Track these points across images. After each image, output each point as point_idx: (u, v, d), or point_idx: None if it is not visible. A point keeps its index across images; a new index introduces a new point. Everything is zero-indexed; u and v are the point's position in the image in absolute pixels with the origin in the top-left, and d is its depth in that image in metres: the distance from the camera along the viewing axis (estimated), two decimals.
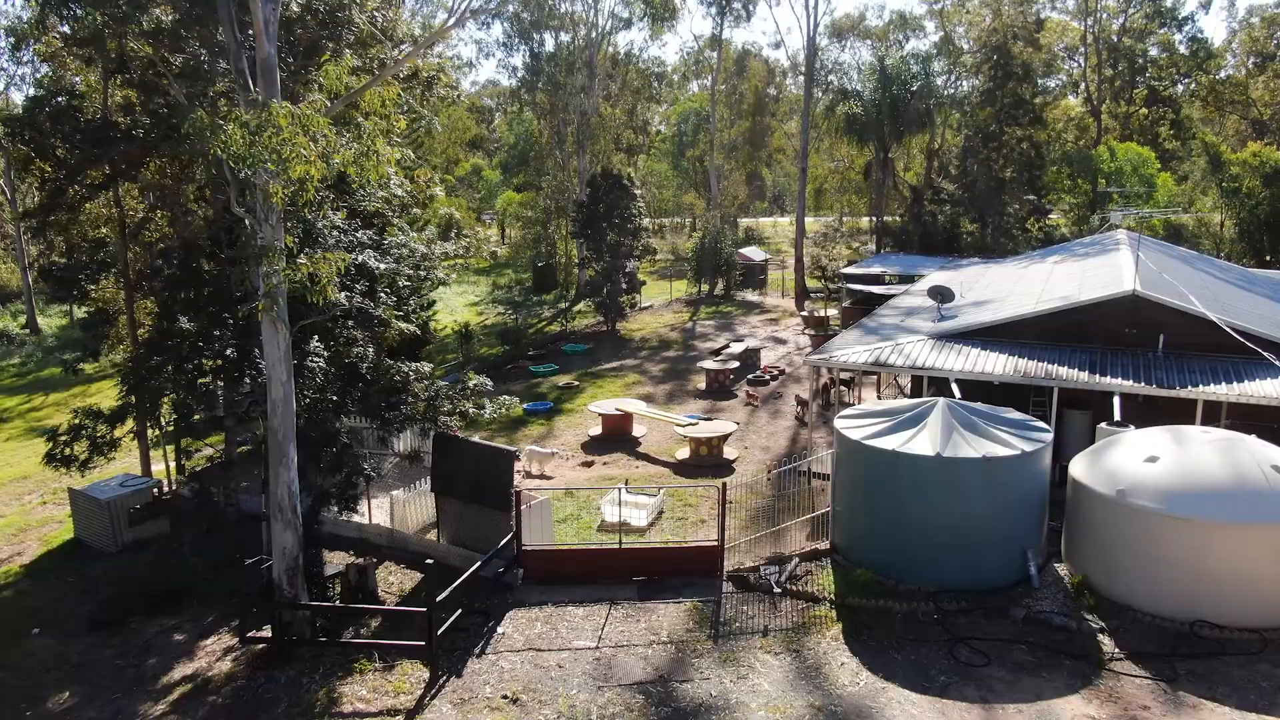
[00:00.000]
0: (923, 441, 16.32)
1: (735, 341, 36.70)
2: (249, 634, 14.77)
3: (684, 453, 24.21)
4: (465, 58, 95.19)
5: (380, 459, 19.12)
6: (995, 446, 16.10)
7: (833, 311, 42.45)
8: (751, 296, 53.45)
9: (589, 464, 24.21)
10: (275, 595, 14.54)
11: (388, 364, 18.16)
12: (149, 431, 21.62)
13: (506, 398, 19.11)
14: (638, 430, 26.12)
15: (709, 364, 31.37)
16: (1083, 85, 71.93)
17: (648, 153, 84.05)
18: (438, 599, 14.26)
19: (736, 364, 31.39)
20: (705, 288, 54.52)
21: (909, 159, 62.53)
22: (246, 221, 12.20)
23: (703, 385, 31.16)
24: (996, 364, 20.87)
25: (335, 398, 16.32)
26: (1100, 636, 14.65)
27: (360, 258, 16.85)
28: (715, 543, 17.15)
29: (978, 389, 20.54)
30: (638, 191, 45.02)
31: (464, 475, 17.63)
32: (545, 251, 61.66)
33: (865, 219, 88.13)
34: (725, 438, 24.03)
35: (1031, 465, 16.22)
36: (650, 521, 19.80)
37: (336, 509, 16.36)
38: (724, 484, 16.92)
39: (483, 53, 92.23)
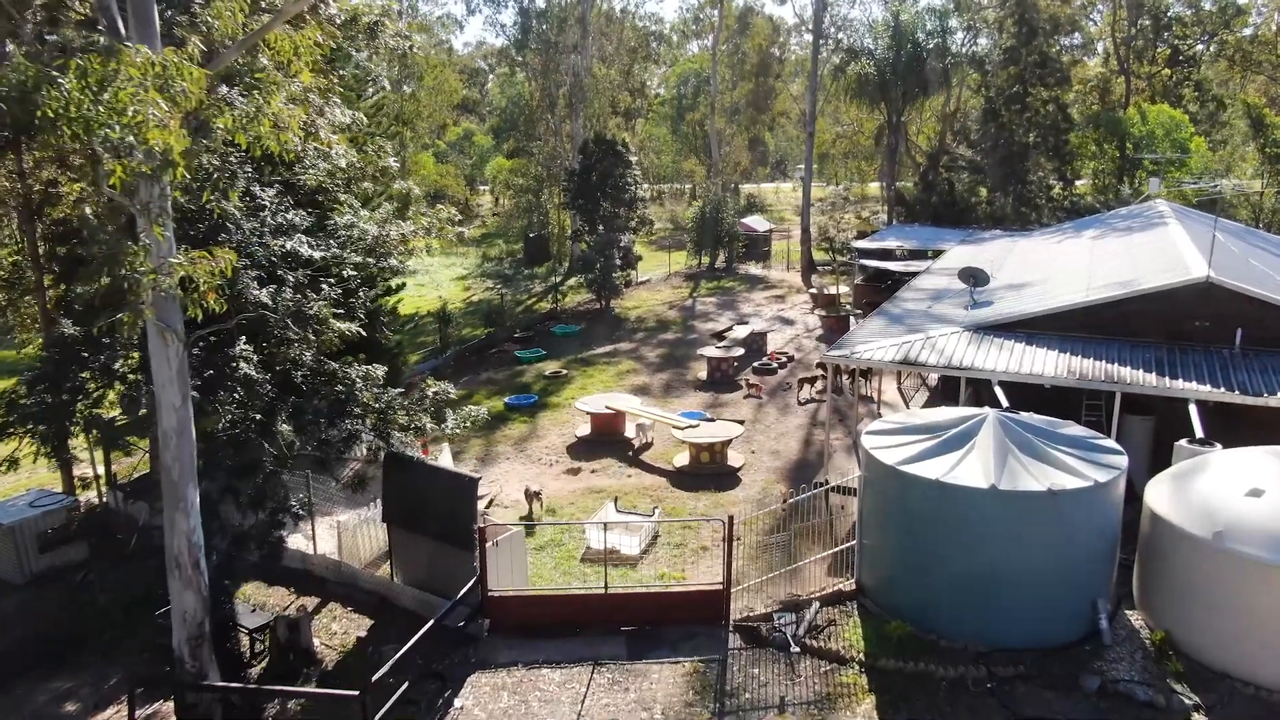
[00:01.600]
0: (972, 468, 13.44)
1: (739, 324, 33.72)
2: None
3: (682, 458, 21.35)
4: (456, 16, 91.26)
5: (322, 484, 16.23)
6: (1061, 475, 13.22)
7: (844, 289, 39.42)
8: (755, 269, 50.39)
9: (575, 471, 21.36)
10: (176, 670, 11.73)
11: (331, 368, 15.19)
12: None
13: (473, 408, 16.17)
14: (631, 430, 23.25)
15: (710, 351, 28.43)
16: (1101, 44, 68.25)
17: (646, 117, 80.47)
18: (376, 677, 11.45)
19: (741, 351, 28.45)
20: (706, 260, 51.41)
21: (921, 123, 59.02)
22: (88, 211, 9.20)
23: (703, 375, 28.24)
24: (1046, 363, 17.95)
25: (261, 416, 13.39)
26: (1195, 717, 11.88)
27: (290, 243, 13.87)
28: (720, 585, 14.33)
29: (1022, 391, 17.61)
30: (633, 158, 41.80)
31: (419, 504, 14.78)
32: (537, 221, 58.47)
33: (874, 184, 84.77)
34: (729, 442, 21.14)
35: (1104, 498, 13.35)
36: (643, 548, 16.99)
37: (257, 555, 13.49)
38: (731, 518, 14.06)
39: (470, 9, 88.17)
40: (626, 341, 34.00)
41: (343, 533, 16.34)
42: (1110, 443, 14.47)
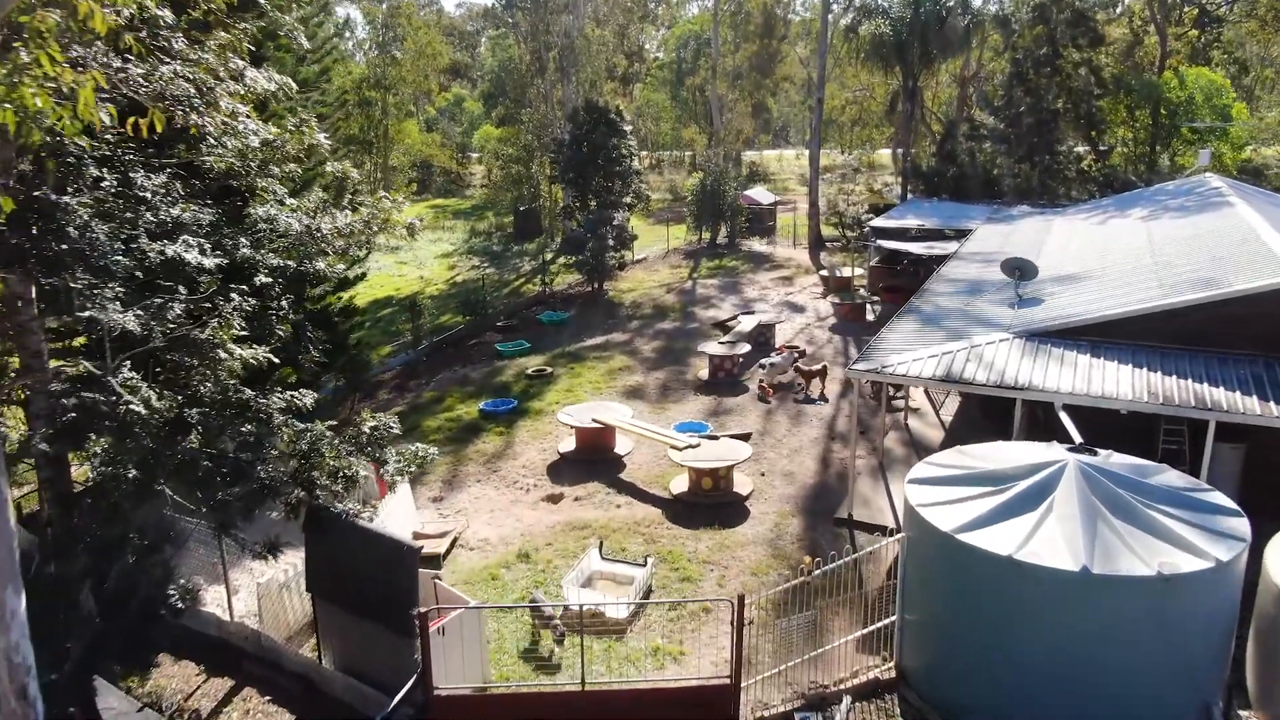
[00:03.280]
0: (1053, 541, 10.40)
1: (744, 313, 30.53)
2: None
3: (681, 483, 18.32)
4: None
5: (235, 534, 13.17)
6: (1171, 550, 10.19)
7: (858, 270, 36.21)
8: (759, 246, 46.95)
9: (555, 499, 18.33)
10: None
11: (244, 397, 12.09)
12: None
13: (420, 446, 13.07)
14: (621, 445, 20.19)
15: (713, 347, 25.31)
16: (1125, 2, 64.44)
17: (643, 81, 76.78)
18: None
19: (746, 347, 25.31)
20: (706, 235, 48.03)
21: (936, 88, 55.31)
22: None
23: (704, 373, 25.14)
24: (1119, 381, 14.87)
25: (137, 472, 10.35)
26: None
27: (172, 249, 10.73)
28: (728, 679, 11.35)
29: (1081, 412, 14.52)
30: (628, 128, 38.38)
31: (348, 574, 11.79)
32: (528, 194, 55.04)
33: (883, 151, 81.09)
34: (735, 465, 18.08)
35: (1226, 581, 10.35)
36: (633, 609, 14.01)
37: (119, 667, 10.47)
38: (741, 599, 11.04)
39: None
40: (620, 331, 30.85)
41: (264, 596, 13.35)
42: (1223, 499, 11.41)
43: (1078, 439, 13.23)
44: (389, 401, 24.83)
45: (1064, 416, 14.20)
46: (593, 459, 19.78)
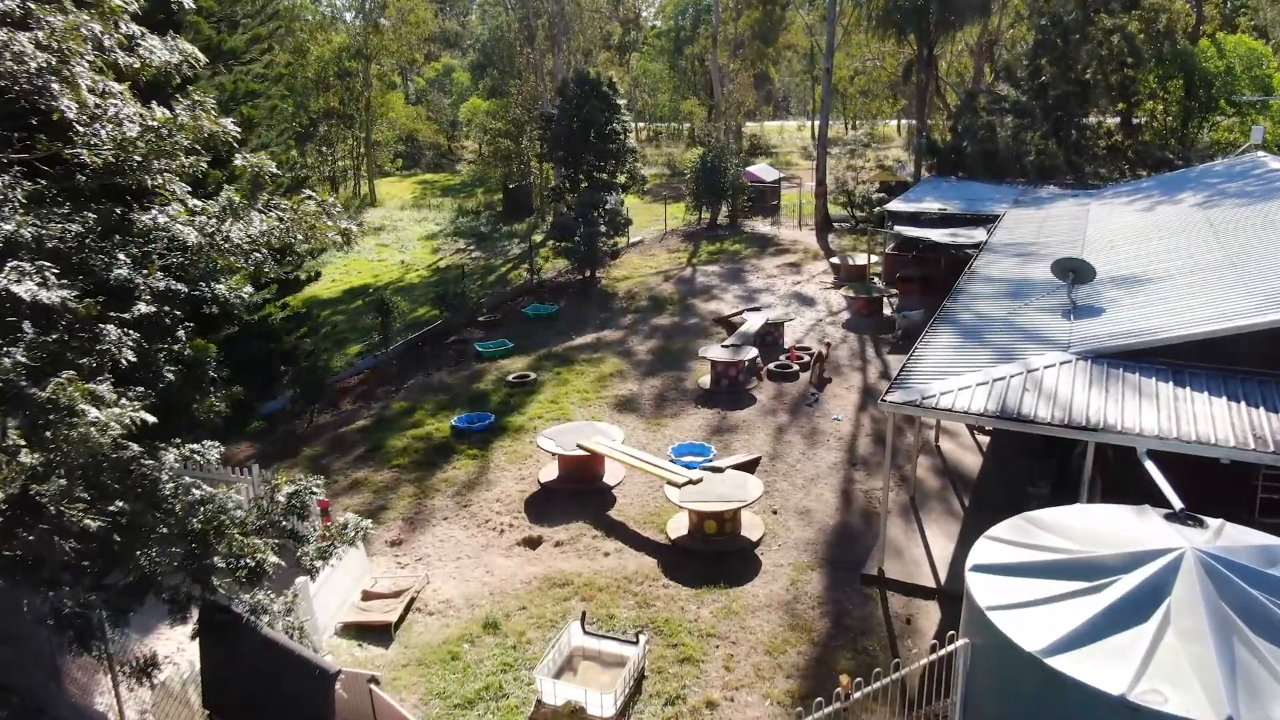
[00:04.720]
0: (1178, 672, 7.75)
1: (750, 308, 27.75)
2: None
3: (680, 524, 15.69)
4: None
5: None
6: None
7: (872, 258, 33.41)
8: (762, 227, 44.06)
9: (533, 543, 15.71)
10: None
11: (128, 457, 9.41)
12: None
13: (353, 516, 10.39)
14: (611, 473, 17.57)
15: (715, 351, 22.58)
16: None
17: (640, 50, 73.46)
18: None
19: (753, 351, 22.58)
20: (706, 215, 45.13)
21: (951, 58, 52.17)
22: None
23: (706, 380, 22.46)
24: (1215, 419, 12.19)
25: None
26: None
27: None
28: None
29: (1163, 454, 11.88)
30: (622, 101, 35.41)
31: (253, 692, 9.17)
32: (518, 171, 52.07)
33: (892, 123, 78.07)
34: (742, 508, 15.41)
35: None
36: (621, 701, 11.44)
37: None
38: None
39: None
40: (613, 328, 28.10)
41: (158, 703, 10.71)
42: None
43: (1176, 503, 10.55)
44: (353, 413, 22.15)
45: (1152, 468, 11.52)
46: (577, 490, 17.15)
